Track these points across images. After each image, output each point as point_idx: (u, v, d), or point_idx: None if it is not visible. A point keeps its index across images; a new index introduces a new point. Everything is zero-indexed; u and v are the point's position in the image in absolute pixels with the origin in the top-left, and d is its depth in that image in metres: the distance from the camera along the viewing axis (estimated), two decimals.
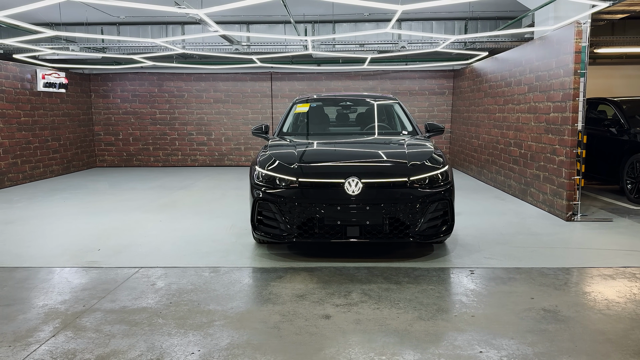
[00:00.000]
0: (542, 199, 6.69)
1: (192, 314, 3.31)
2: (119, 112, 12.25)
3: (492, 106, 8.75)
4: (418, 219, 4.22)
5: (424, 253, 4.66)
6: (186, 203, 7.37)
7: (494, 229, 5.64)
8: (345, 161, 4.48)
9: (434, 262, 4.39)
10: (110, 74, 12.12)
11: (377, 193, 4.19)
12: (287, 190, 4.26)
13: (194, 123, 12.21)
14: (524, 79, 7.34)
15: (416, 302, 3.47)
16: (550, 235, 5.32)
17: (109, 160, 12.41)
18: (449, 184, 4.40)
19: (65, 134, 11.06)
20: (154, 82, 12.13)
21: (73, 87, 11.38)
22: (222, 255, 4.65)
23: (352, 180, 4.17)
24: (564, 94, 6.05)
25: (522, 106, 7.40)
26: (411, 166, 4.35)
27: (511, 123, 7.83)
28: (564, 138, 6.04)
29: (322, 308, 3.39)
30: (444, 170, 4.43)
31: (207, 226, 5.85)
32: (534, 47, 6.97)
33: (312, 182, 4.27)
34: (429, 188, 4.28)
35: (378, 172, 4.34)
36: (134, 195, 8.04)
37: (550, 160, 6.44)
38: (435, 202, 4.28)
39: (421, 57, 11.00)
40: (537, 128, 6.86)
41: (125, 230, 5.66)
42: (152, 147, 12.30)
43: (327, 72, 11.93)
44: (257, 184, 4.44)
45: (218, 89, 12.10)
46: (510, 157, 7.85)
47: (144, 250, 4.84)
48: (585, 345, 2.85)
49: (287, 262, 4.43)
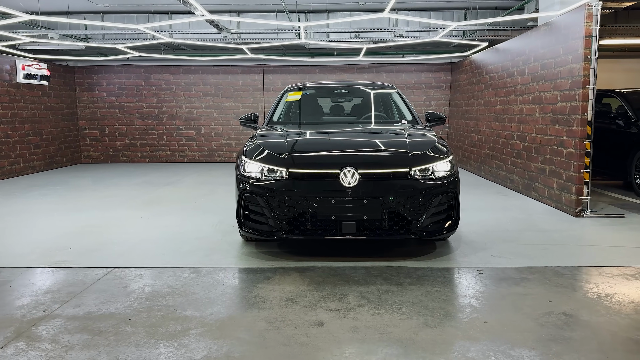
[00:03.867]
0: (548, 194, 6.32)
1: (165, 321, 2.90)
2: (105, 106, 11.78)
3: (493, 98, 8.39)
4: (420, 214, 3.84)
5: (426, 251, 4.28)
6: (171, 199, 6.94)
7: (499, 225, 5.26)
8: (340, 150, 4.09)
9: (438, 261, 4.00)
10: (96, 66, 11.65)
11: (375, 185, 3.80)
12: (277, 183, 3.86)
13: (183, 117, 11.76)
14: (527, 68, 6.97)
15: (420, 306, 3.08)
16: (560, 232, 4.95)
17: (95, 156, 11.94)
18: (453, 176, 4.01)
19: (48, 128, 10.58)
20: (141, 74, 11.67)
21: (56, 80, 10.90)
22: (205, 254, 4.24)
23: (348, 171, 3.78)
24: (572, 81, 5.68)
25: (525, 97, 7.03)
26: (412, 156, 3.96)
27: (514, 115, 7.46)
28: (573, 129, 5.67)
29: (315, 314, 2.99)
30: (448, 160, 4.04)
31: (192, 223, 5.43)
32: (539, 34, 6.60)
33: (303, 172, 3.88)
34: (432, 180, 3.89)
35: (376, 162, 3.95)
36: (117, 192, 7.60)
37: (557, 152, 6.07)
38: (439, 195, 3.89)
39: (418, 48, 10.62)
40: (542, 119, 6.49)
41: (102, 228, 5.23)
42: (139, 142, 11.84)
43: (321, 64, 11.52)
44: (244, 176, 4.04)
45: (208, 82, 11.66)
46: (513, 150, 7.48)
47: (120, 249, 4.42)
48: (618, 356, 2.47)
49: (276, 261, 4.02)
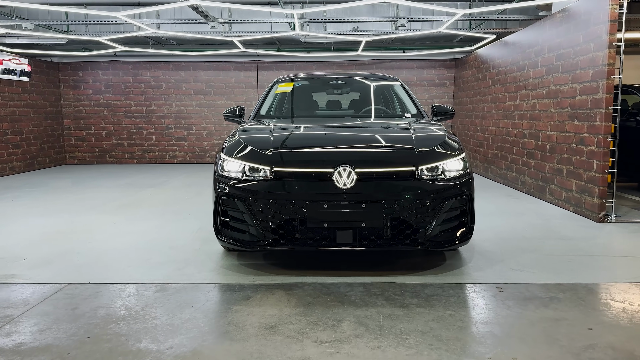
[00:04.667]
0: (565, 197, 5.74)
1: (112, 357, 2.31)
2: (91, 104, 11.20)
3: (502, 94, 7.81)
4: (428, 221, 3.26)
5: (435, 263, 3.69)
6: (152, 202, 6.35)
7: (514, 232, 4.68)
8: (334, 146, 3.49)
9: (449, 276, 3.41)
10: (81, 62, 11.07)
11: (375, 186, 3.22)
12: (260, 184, 3.28)
13: (173, 116, 11.18)
14: (541, 60, 6.40)
15: (432, 337, 2.49)
16: (585, 240, 4.36)
17: (80, 156, 11.35)
18: (467, 176, 3.44)
19: (29, 127, 9.99)
20: (129, 71, 11.09)
21: (38, 76, 10.32)
22: (178, 267, 3.65)
23: (344, 170, 3.20)
24: (595, 71, 5.11)
25: (538, 91, 6.46)
26: (419, 153, 3.38)
27: (525, 111, 6.89)
28: (595, 124, 5.10)
29: (300, 347, 2.40)
30: (460, 158, 3.47)
31: (169, 229, 4.84)
32: (554, 22, 6.03)
33: (291, 172, 3.30)
34: (442, 180, 3.32)
35: (377, 160, 3.37)
36: (96, 194, 7.01)
37: (576, 151, 5.49)
38: (450, 198, 3.31)
39: (420, 43, 10.06)
40: (558, 115, 5.91)
41: (68, 235, 4.64)
42: (126, 142, 11.26)
43: (318, 60, 10.95)
44: (222, 176, 3.46)
45: (199, 79, 11.08)
46: (524, 150, 6.90)
47: (81, 261, 3.83)
48: None
49: (259, 276, 3.43)
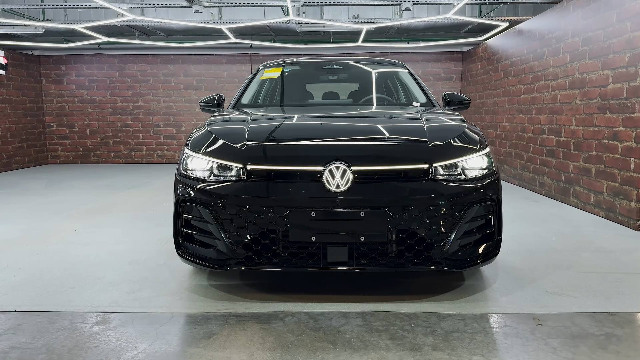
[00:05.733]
0: (594, 201, 5.03)
1: None
2: (74, 100, 10.51)
3: (516, 87, 7.10)
4: (446, 233, 2.55)
5: (451, 284, 2.98)
6: (126, 206, 5.65)
7: (541, 242, 3.97)
8: (325, 138, 2.77)
9: (471, 303, 2.70)
10: (64, 55, 10.38)
11: (377, 189, 2.52)
12: (230, 186, 2.58)
13: (161, 113, 10.49)
14: (563, 46, 5.69)
15: None
16: (628, 253, 3.65)
17: (63, 156, 10.66)
18: (492, 176, 2.73)
19: (5, 124, 9.31)
20: (114, 65, 10.40)
21: (17, 70, 9.64)
22: (132, 289, 2.95)
23: (337, 168, 2.50)
24: (632, 55, 4.40)
25: (561, 81, 5.75)
26: (433, 147, 2.67)
27: (544, 104, 6.18)
28: (633, 116, 4.39)
29: None
30: (484, 154, 2.76)
31: (135, 239, 4.15)
32: (580, 2, 5.32)
33: (269, 170, 2.59)
34: (462, 181, 2.61)
35: (380, 155, 2.65)
36: (67, 197, 6.32)
37: (608, 148, 4.78)
38: (473, 204, 2.60)
39: (425, 33, 9.36)
40: (585, 107, 5.20)
41: (16, 245, 3.95)
42: (112, 140, 10.56)
43: (315, 52, 10.25)
44: (185, 176, 2.75)
45: (189, 73, 10.38)
46: (543, 147, 6.19)
47: (18, 279, 3.13)
48: None
49: (230, 302, 2.73)
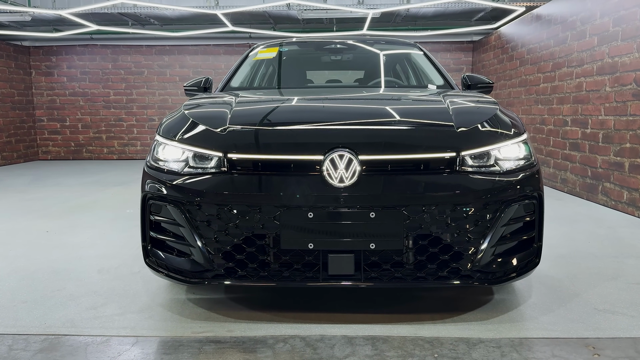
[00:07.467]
0: (628, 198, 4.50)
1: None
2: (66, 93, 10.03)
3: (534, 76, 6.57)
4: (477, 239, 2.04)
5: (479, 299, 2.47)
6: (109, 204, 5.17)
7: (576, 246, 3.45)
8: (325, 122, 2.25)
9: (505, 325, 2.19)
10: (54, 46, 9.91)
11: (391, 184, 2.01)
12: (208, 180, 2.08)
13: (156, 106, 9.99)
14: (590, 28, 5.16)
15: None
16: None
17: (54, 151, 10.19)
18: (532, 167, 2.21)
19: None
20: (107, 56, 9.91)
21: (4, 61, 9.17)
22: (94, 305, 2.45)
23: (340, 157, 1.99)
24: None
25: (587, 67, 5.22)
26: (460, 132, 2.16)
27: (566, 93, 5.65)
28: None
29: None
30: (521, 141, 2.24)
31: (111, 242, 3.65)
32: None
33: (255, 160, 2.08)
34: (496, 174, 2.10)
35: (394, 142, 2.11)
36: (49, 194, 5.85)
37: None
38: (510, 202, 2.09)
39: (434, 22, 8.83)
40: (616, 94, 4.68)
41: None
42: (105, 135, 10.08)
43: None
44: (154, 168, 2.25)
45: (185, 64, 9.89)
46: (566, 140, 5.66)
47: None
48: None
49: (209, 322, 2.23)
